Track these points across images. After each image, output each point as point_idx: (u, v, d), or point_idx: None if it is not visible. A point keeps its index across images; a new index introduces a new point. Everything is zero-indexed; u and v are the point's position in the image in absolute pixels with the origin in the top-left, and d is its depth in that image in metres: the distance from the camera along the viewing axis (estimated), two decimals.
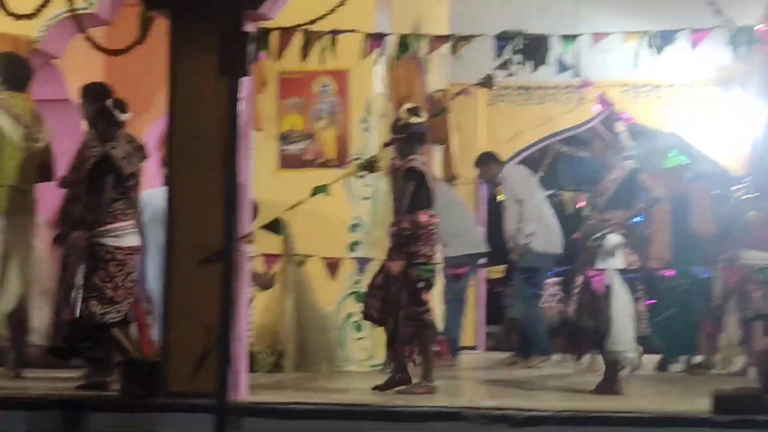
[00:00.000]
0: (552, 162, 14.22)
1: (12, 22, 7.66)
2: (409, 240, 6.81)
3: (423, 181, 6.89)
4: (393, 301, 6.83)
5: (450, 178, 10.70)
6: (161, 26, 6.56)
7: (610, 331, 6.91)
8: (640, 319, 7.06)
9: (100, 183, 6.74)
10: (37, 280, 7.59)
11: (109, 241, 6.73)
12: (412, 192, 6.87)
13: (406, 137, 6.93)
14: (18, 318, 7.62)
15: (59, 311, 6.91)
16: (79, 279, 6.71)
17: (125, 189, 6.81)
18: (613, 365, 7.05)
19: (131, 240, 6.81)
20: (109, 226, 6.74)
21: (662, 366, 9.31)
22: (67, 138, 7.97)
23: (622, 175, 7.18)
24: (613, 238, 7.03)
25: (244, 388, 6.14)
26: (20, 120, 7.59)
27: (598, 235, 7.05)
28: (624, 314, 6.93)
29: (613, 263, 6.99)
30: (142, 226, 7.05)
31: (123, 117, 6.83)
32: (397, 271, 6.79)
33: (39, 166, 7.54)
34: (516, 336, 10.44)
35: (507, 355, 9.93)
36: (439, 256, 6.96)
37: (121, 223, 6.77)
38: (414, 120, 6.96)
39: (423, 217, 6.88)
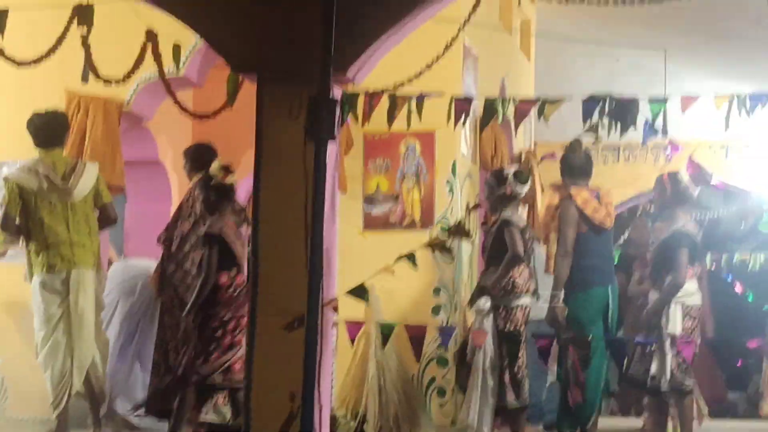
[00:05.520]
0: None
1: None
2: None
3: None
4: None
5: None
6: (249, 89, 6.59)
7: None
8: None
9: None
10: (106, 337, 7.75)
11: None
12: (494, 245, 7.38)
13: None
14: (92, 378, 7.68)
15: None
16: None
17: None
18: None
19: None
20: None
21: None
22: (158, 197, 8.03)
23: (664, 237, 7.15)
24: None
25: None
26: (53, 177, 7.67)
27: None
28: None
29: None
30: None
31: (231, 181, 7.04)
32: None
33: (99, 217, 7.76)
34: None
35: None
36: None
37: None
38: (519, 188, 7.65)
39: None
